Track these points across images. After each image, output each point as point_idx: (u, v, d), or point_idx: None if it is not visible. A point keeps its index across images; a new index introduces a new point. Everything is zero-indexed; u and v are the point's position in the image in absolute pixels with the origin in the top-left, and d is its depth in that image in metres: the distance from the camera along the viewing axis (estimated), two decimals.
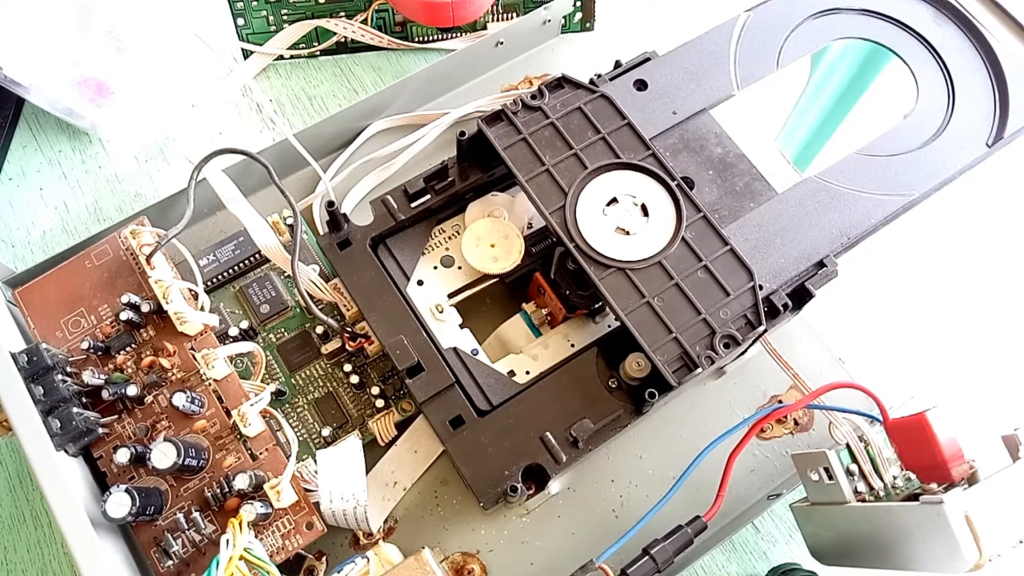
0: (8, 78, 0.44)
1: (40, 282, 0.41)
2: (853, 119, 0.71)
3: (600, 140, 0.41)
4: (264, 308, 0.42)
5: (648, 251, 0.39)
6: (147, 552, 0.36)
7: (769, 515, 0.42)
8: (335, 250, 0.41)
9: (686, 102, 0.43)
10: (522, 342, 0.42)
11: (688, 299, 0.38)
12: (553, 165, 0.40)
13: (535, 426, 0.38)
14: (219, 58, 0.53)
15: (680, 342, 0.37)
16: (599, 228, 0.39)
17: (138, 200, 0.49)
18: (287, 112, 0.52)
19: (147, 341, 0.40)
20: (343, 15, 0.51)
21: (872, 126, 0.45)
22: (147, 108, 0.52)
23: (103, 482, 0.37)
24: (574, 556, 0.39)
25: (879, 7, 0.46)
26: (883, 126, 0.43)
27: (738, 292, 0.38)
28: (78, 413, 0.36)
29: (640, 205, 0.40)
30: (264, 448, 0.38)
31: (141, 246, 0.40)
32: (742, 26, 0.45)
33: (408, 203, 0.43)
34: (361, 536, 0.39)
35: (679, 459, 0.42)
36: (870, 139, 0.43)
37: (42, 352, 0.36)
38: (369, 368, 0.42)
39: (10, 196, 0.49)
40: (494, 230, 0.42)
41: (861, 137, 0.43)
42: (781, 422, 0.43)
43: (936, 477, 0.33)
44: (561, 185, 0.40)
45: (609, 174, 0.40)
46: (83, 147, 0.50)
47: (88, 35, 0.48)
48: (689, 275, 0.38)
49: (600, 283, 0.38)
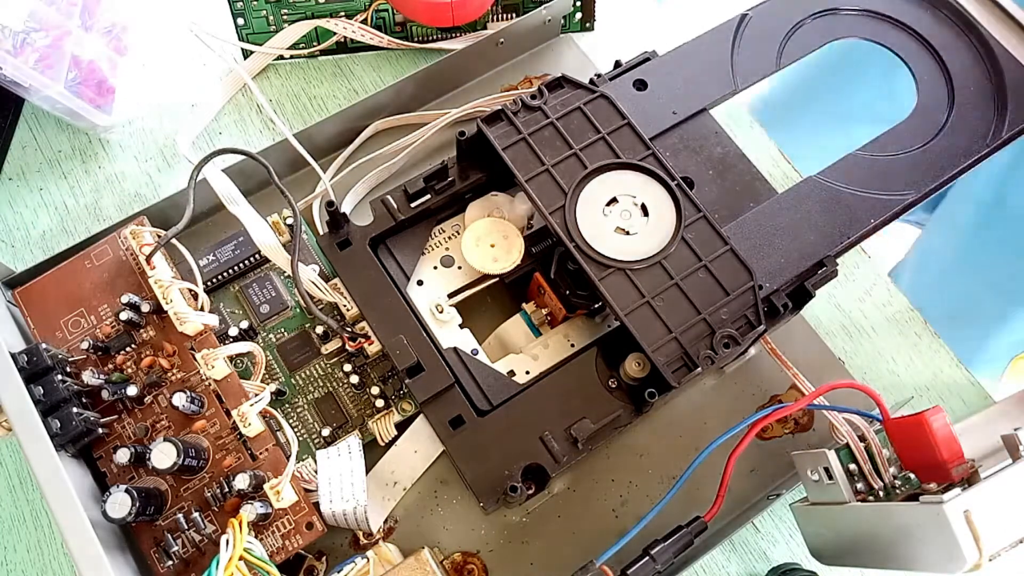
0: (8, 78, 0.44)
1: (40, 282, 0.41)
2: (853, 119, 0.71)
3: (600, 140, 0.41)
4: (264, 308, 0.42)
5: (648, 251, 0.39)
6: (147, 552, 0.36)
7: (769, 515, 0.42)
8: (335, 250, 0.41)
9: (686, 102, 0.43)
10: (522, 342, 0.42)
11: (688, 299, 0.38)
12: (553, 165, 0.40)
13: (535, 426, 0.38)
14: (219, 58, 0.53)
15: (680, 342, 0.37)
16: (599, 228, 0.39)
17: (138, 200, 0.49)
18: (287, 112, 0.52)
19: (147, 341, 0.40)
20: (343, 15, 0.51)
21: (872, 126, 0.45)
22: (147, 108, 0.52)
23: (103, 482, 0.37)
24: (574, 556, 0.39)
25: (879, 7, 0.46)
26: (883, 126, 0.43)
27: (738, 292, 0.38)
28: (78, 413, 0.36)
29: (640, 205, 0.40)
30: (264, 448, 0.38)
31: (141, 246, 0.40)
32: (742, 26, 0.45)
33: (408, 203, 0.43)
34: (361, 536, 0.39)
35: (679, 459, 0.42)
36: (870, 139, 0.43)
37: (42, 352, 0.36)
38: (369, 368, 0.42)
39: (10, 196, 0.49)
40: (494, 230, 0.42)
41: (861, 137, 0.43)
42: (781, 422, 0.43)
43: (936, 477, 0.33)
44: (561, 185, 0.40)
45: (609, 174, 0.40)
46: (83, 147, 0.50)
47: (88, 35, 0.48)
48: (689, 275, 0.38)
49: (600, 283, 0.38)
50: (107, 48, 0.49)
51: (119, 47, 0.50)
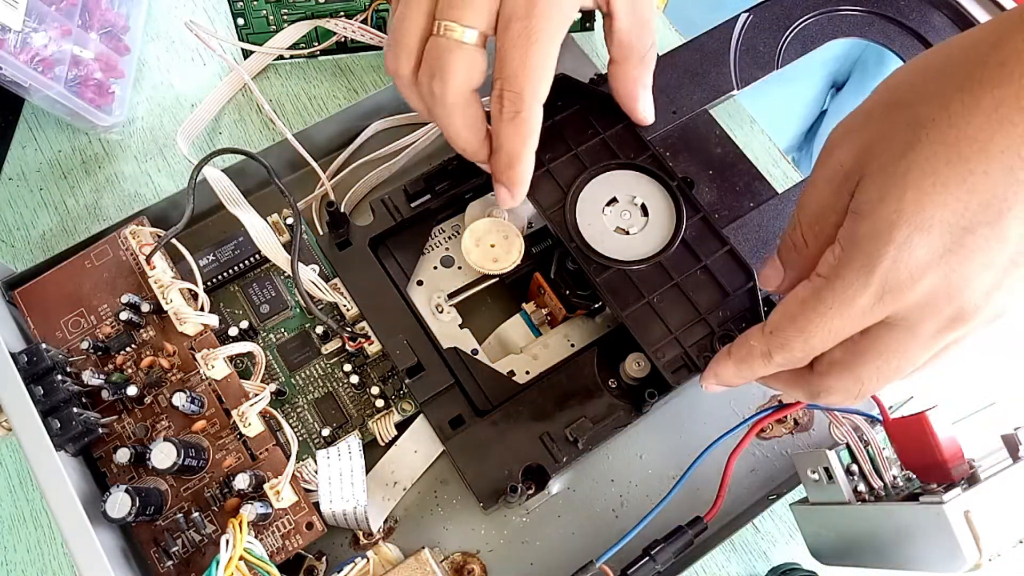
0: (8, 78, 0.44)
1: (40, 282, 0.41)
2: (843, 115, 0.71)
3: (599, 140, 0.41)
4: (264, 308, 0.42)
5: (648, 251, 0.39)
6: (147, 552, 0.36)
7: (769, 515, 0.42)
8: (335, 250, 0.41)
9: (686, 102, 0.43)
10: (522, 342, 0.42)
11: (688, 299, 0.38)
12: (552, 165, 0.40)
13: (535, 426, 0.38)
14: (219, 58, 0.53)
15: (679, 342, 0.37)
16: (599, 228, 0.39)
17: (138, 200, 0.49)
18: (287, 112, 0.52)
19: (147, 341, 0.40)
20: (343, 15, 0.51)
21: None
22: (147, 108, 0.52)
23: (103, 482, 0.37)
24: (574, 556, 0.39)
25: (879, 7, 0.46)
26: None
27: (738, 292, 0.38)
28: (78, 413, 0.36)
29: (640, 205, 0.40)
30: (264, 448, 0.38)
31: (141, 246, 0.40)
32: (742, 26, 0.45)
33: (408, 203, 0.43)
34: (361, 536, 0.39)
35: (679, 459, 0.42)
36: None
37: (42, 352, 0.36)
38: (369, 368, 0.42)
39: (10, 196, 0.49)
40: (494, 230, 0.42)
41: None
42: (781, 422, 0.43)
43: (936, 477, 0.33)
44: (560, 184, 0.40)
45: (609, 174, 0.40)
46: (83, 147, 0.50)
47: (88, 35, 0.48)
48: (689, 275, 0.38)
49: (600, 283, 0.38)
50: (107, 48, 0.49)
51: (119, 47, 0.50)
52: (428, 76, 0.34)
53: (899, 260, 0.27)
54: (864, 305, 0.28)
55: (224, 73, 0.53)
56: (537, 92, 0.33)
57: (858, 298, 0.28)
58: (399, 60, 0.34)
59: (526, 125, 0.34)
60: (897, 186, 0.27)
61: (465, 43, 0.33)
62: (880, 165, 0.28)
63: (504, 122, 0.34)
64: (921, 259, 0.26)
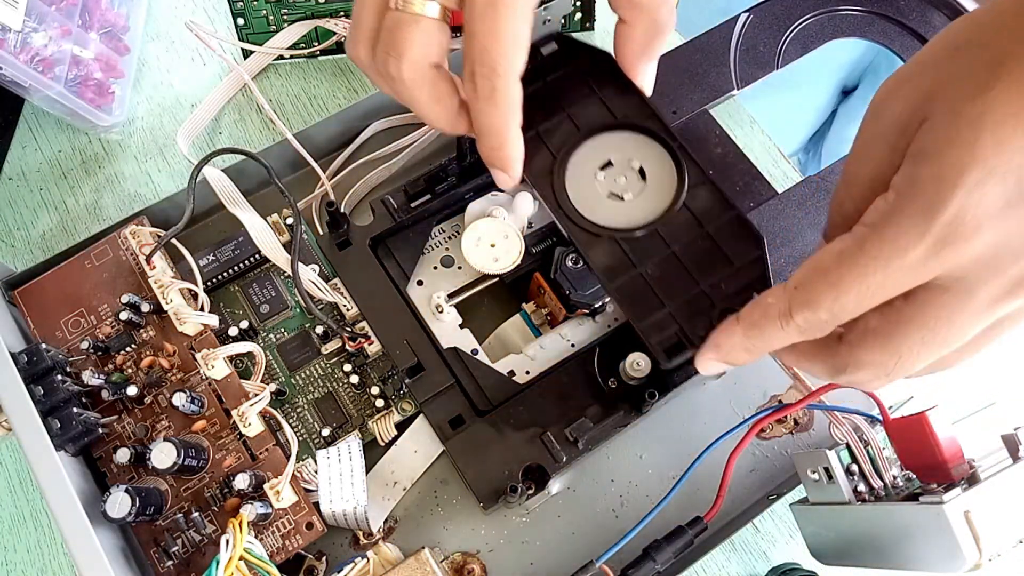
0: (8, 78, 0.44)
1: (40, 282, 0.41)
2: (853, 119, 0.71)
3: (596, 100, 0.37)
4: (264, 308, 0.42)
5: (645, 218, 0.35)
6: (147, 552, 0.36)
7: (769, 515, 0.42)
8: (335, 250, 0.41)
9: (686, 102, 0.43)
10: (522, 342, 0.42)
11: (686, 269, 0.33)
12: (542, 126, 0.36)
13: (535, 426, 0.38)
14: (219, 58, 0.53)
15: (674, 318, 0.33)
16: (590, 194, 0.35)
17: (138, 200, 0.49)
18: (287, 112, 0.52)
19: (147, 341, 0.40)
20: (343, 15, 0.51)
21: None
22: (147, 108, 0.52)
23: (103, 482, 0.37)
24: (574, 556, 0.39)
25: (879, 7, 0.46)
26: None
27: (744, 261, 0.33)
28: (78, 413, 0.36)
29: (638, 169, 0.36)
30: (264, 448, 0.38)
31: (141, 246, 0.40)
32: (742, 26, 0.45)
33: (408, 203, 0.43)
34: (361, 536, 0.39)
35: (679, 459, 0.42)
36: None
37: (42, 352, 0.36)
38: (369, 368, 0.42)
39: (10, 196, 0.49)
40: (494, 230, 0.42)
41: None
42: (781, 422, 0.43)
43: (936, 477, 0.33)
44: (550, 149, 0.36)
45: (604, 135, 0.36)
46: (83, 147, 0.50)
47: (88, 35, 0.48)
48: (688, 244, 0.34)
49: (587, 252, 0.34)
50: (107, 48, 0.49)
51: (119, 47, 0.50)
52: (384, 52, 0.31)
53: (967, 207, 0.23)
54: (916, 258, 0.24)
55: (224, 73, 0.53)
56: (512, 64, 0.30)
57: (911, 249, 0.24)
58: (357, 43, 0.32)
59: (505, 100, 0.31)
60: (971, 127, 0.23)
61: (421, 16, 0.30)
62: (949, 107, 0.24)
63: (481, 101, 0.31)
64: (990, 208, 0.23)
